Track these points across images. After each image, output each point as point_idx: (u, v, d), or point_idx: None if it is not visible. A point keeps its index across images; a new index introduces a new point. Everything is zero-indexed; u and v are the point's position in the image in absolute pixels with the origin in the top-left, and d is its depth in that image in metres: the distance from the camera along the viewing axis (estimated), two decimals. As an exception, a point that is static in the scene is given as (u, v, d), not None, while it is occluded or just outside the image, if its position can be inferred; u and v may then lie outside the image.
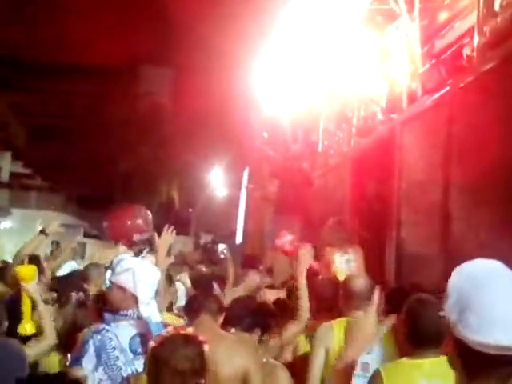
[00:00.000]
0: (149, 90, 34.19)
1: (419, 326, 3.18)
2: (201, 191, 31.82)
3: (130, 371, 3.25)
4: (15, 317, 3.92)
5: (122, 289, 3.42)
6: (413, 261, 7.09)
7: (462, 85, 6.28)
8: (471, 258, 5.10)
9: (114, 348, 3.30)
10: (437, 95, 6.75)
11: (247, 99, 14.84)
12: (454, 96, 6.40)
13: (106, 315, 3.48)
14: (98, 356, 3.27)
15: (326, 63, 10.07)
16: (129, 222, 6.91)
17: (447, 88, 6.57)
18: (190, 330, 2.71)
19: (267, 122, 13.58)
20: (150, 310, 3.39)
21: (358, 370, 3.86)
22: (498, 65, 5.73)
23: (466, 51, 6.45)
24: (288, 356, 4.35)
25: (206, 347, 2.66)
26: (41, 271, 5.18)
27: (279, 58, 11.49)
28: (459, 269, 1.85)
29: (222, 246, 11.12)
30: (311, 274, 6.90)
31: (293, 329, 4.33)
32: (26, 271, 4.05)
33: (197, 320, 3.58)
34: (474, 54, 6.18)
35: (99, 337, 3.31)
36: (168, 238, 4.47)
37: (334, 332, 3.98)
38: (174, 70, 35.62)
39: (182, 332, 2.67)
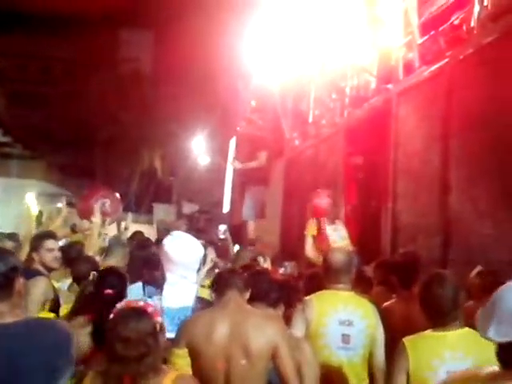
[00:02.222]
0: (129, 55, 33.76)
1: (437, 303, 3.27)
2: (183, 159, 31.65)
3: None
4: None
5: None
6: (409, 232, 7.15)
7: (461, 57, 6.29)
8: (470, 228, 5.19)
9: None
10: (436, 66, 6.75)
11: (234, 65, 14.71)
12: (454, 67, 6.40)
13: (148, 288, 3.59)
14: None
15: (317, 30, 10.01)
16: (94, 206, 7.98)
17: (446, 59, 6.57)
18: (140, 303, 2.82)
19: (256, 90, 13.48)
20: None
21: (339, 343, 3.96)
22: (498, 37, 5.74)
23: (466, 23, 6.44)
24: None
25: (157, 319, 2.77)
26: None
27: (269, 23, 11.38)
28: None
29: (222, 227, 11.21)
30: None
31: None
32: None
33: (224, 296, 3.60)
34: (475, 25, 6.17)
35: None
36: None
37: (312, 304, 4.07)
38: (155, 33, 35.16)
39: (132, 305, 2.80)
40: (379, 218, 7.89)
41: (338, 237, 7.16)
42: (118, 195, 9.65)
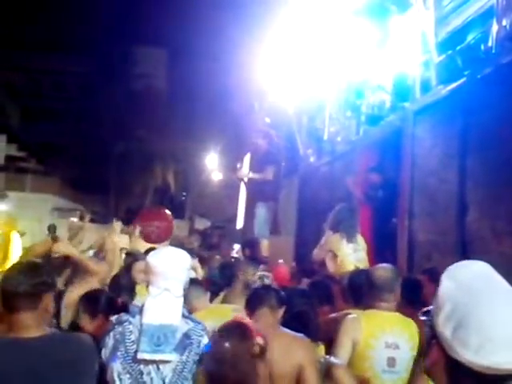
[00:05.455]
0: (144, 71, 33.97)
1: None
2: (197, 175, 31.74)
3: (150, 366, 3.13)
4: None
5: None
6: (426, 250, 7.13)
7: (479, 76, 6.32)
8: (487, 247, 5.16)
9: (133, 342, 3.15)
10: (453, 85, 6.77)
11: (248, 82, 14.77)
12: (471, 87, 6.43)
13: (133, 306, 3.43)
14: (116, 348, 3.15)
15: (333, 47, 10.07)
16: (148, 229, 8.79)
17: (464, 78, 6.60)
18: (246, 321, 2.83)
19: (271, 106, 13.55)
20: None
21: (384, 366, 3.87)
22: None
23: (484, 42, 6.48)
24: None
25: (259, 339, 2.76)
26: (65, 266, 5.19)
27: (284, 40, 11.44)
28: (450, 275, 1.72)
29: (236, 246, 11.22)
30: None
31: None
32: None
33: (256, 313, 3.57)
34: (493, 45, 6.20)
35: (120, 329, 3.19)
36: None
37: (361, 324, 3.97)
38: (169, 49, 35.34)
39: (234, 322, 2.80)
40: (395, 236, 7.87)
41: (355, 259, 7.10)
42: (172, 224, 9.95)
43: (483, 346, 1.53)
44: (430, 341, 1.72)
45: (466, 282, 1.67)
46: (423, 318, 1.88)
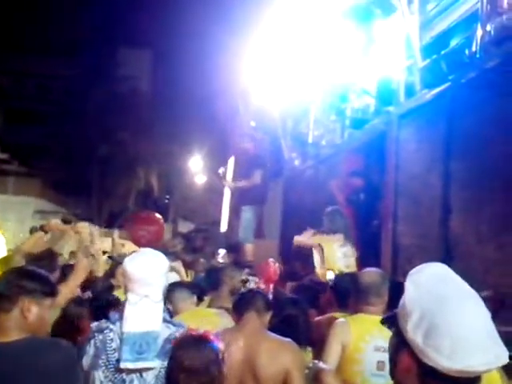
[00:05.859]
0: (127, 73, 33.89)
1: None
2: (180, 178, 31.65)
3: (133, 374, 3.12)
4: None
5: None
6: (410, 254, 7.14)
7: (463, 80, 6.35)
8: (471, 251, 5.18)
9: (115, 350, 3.15)
10: (438, 89, 6.79)
11: (233, 85, 14.76)
12: (456, 91, 6.45)
13: (113, 313, 3.40)
14: (97, 357, 3.14)
15: (318, 51, 10.08)
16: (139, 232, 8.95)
17: (448, 83, 6.62)
18: (200, 331, 2.82)
19: (255, 110, 13.54)
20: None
21: (373, 370, 3.86)
22: (501, 62, 5.80)
23: (468, 47, 6.51)
24: None
25: (219, 346, 2.76)
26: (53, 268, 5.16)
27: (269, 43, 11.44)
28: (411, 280, 1.78)
29: (222, 251, 11.29)
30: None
31: None
32: None
33: (243, 317, 3.56)
34: (477, 50, 6.23)
35: (101, 337, 3.19)
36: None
37: (350, 328, 3.95)
38: (153, 52, 35.27)
39: (193, 333, 2.80)
40: (379, 239, 7.88)
41: (344, 264, 7.12)
42: (163, 227, 10.14)
43: (455, 351, 1.56)
44: (397, 348, 1.75)
45: (427, 287, 1.72)
46: (385, 325, 1.89)
